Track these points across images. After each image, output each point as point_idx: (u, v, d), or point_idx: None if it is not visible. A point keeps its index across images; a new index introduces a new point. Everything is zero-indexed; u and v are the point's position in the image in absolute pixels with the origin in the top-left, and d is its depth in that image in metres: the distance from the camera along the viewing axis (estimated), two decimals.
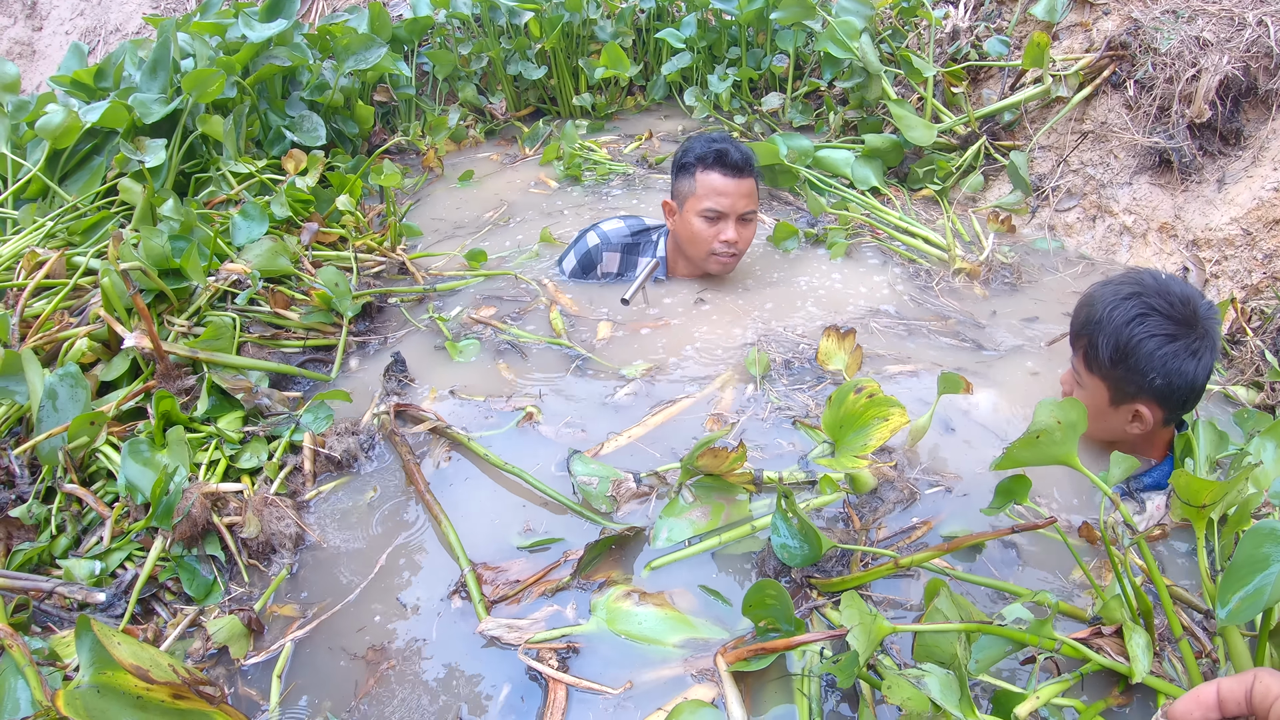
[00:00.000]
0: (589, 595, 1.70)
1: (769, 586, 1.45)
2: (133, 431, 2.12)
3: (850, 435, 1.73)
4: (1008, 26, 3.70)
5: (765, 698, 1.49)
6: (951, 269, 2.94)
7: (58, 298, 2.42)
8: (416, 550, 1.90)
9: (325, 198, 3.11)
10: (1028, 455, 1.43)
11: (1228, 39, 3.08)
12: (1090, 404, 1.90)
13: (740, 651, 1.48)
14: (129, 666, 1.18)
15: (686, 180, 2.71)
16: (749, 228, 2.76)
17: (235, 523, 1.92)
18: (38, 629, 1.74)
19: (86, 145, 3.11)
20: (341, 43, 3.69)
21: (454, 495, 1.98)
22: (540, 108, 4.80)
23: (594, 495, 1.86)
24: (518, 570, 1.78)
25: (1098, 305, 1.86)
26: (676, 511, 1.81)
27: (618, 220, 2.98)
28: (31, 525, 1.95)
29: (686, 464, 1.80)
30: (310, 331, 2.58)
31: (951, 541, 1.54)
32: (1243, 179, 2.95)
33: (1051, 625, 1.35)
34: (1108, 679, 1.48)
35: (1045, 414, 1.41)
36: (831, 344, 2.28)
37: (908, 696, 1.24)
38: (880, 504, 1.83)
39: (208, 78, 2.98)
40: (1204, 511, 1.36)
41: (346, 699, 1.61)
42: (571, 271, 2.92)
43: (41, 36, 7.39)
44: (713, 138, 2.73)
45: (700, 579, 1.71)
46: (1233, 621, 1.15)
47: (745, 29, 4.24)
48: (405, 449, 2.09)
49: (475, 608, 1.70)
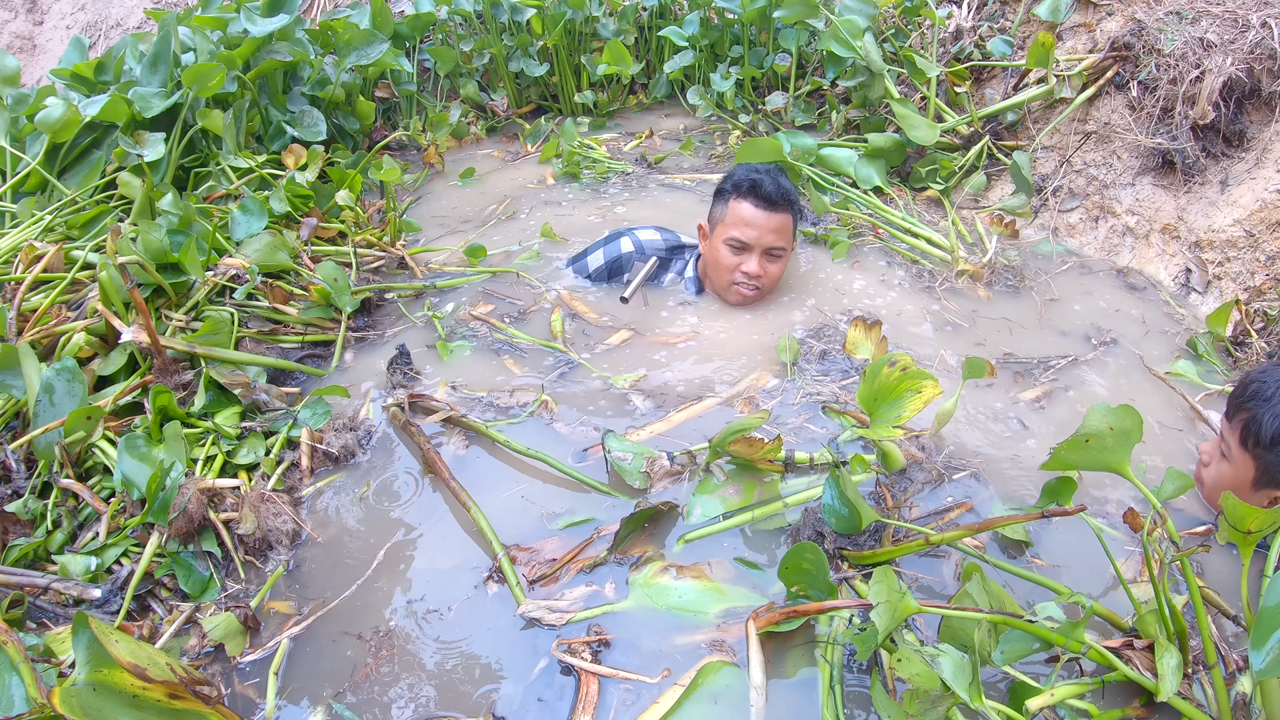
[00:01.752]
0: (625, 571, 1.74)
1: (808, 550, 1.47)
2: (129, 426, 2.11)
3: (884, 408, 1.78)
4: (1011, 26, 3.69)
5: (789, 663, 1.53)
6: (955, 271, 2.92)
7: (55, 292, 2.41)
8: (430, 540, 1.90)
9: (325, 193, 3.09)
10: (1076, 458, 1.43)
11: (1231, 40, 3.06)
12: (1232, 479, 1.85)
13: (773, 615, 1.52)
14: (126, 665, 1.17)
15: (720, 206, 2.66)
16: (776, 264, 2.67)
17: (232, 519, 1.91)
18: (32, 625, 1.73)
19: (86, 139, 3.10)
20: (343, 38, 3.67)
21: (472, 483, 1.98)
22: (542, 105, 4.79)
23: (628, 472, 1.89)
24: (551, 549, 1.81)
25: (1270, 383, 1.79)
26: (710, 489, 1.88)
27: (653, 231, 2.90)
28: (27, 520, 1.94)
29: (716, 445, 1.86)
30: (309, 327, 2.57)
31: (982, 523, 1.55)
32: (1246, 181, 2.93)
33: (1083, 629, 1.34)
34: (1131, 691, 1.46)
35: (1097, 419, 1.39)
36: (859, 334, 2.34)
37: (917, 672, 1.26)
38: (909, 484, 1.89)
39: (208, 72, 2.97)
40: (1250, 538, 1.32)
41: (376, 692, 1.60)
42: (596, 271, 2.84)
43: (42, 31, 7.37)
44: (756, 167, 2.66)
45: (732, 553, 1.76)
46: (1268, 676, 1.10)
47: (748, 27, 4.23)
48: (423, 438, 2.09)
49: (513, 590, 1.72)
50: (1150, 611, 1.42)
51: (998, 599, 1.43)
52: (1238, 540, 1.33)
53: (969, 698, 1.24)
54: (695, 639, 1.60)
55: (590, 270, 2.86)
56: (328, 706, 1.58)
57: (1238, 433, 1.83)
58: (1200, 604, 1.40)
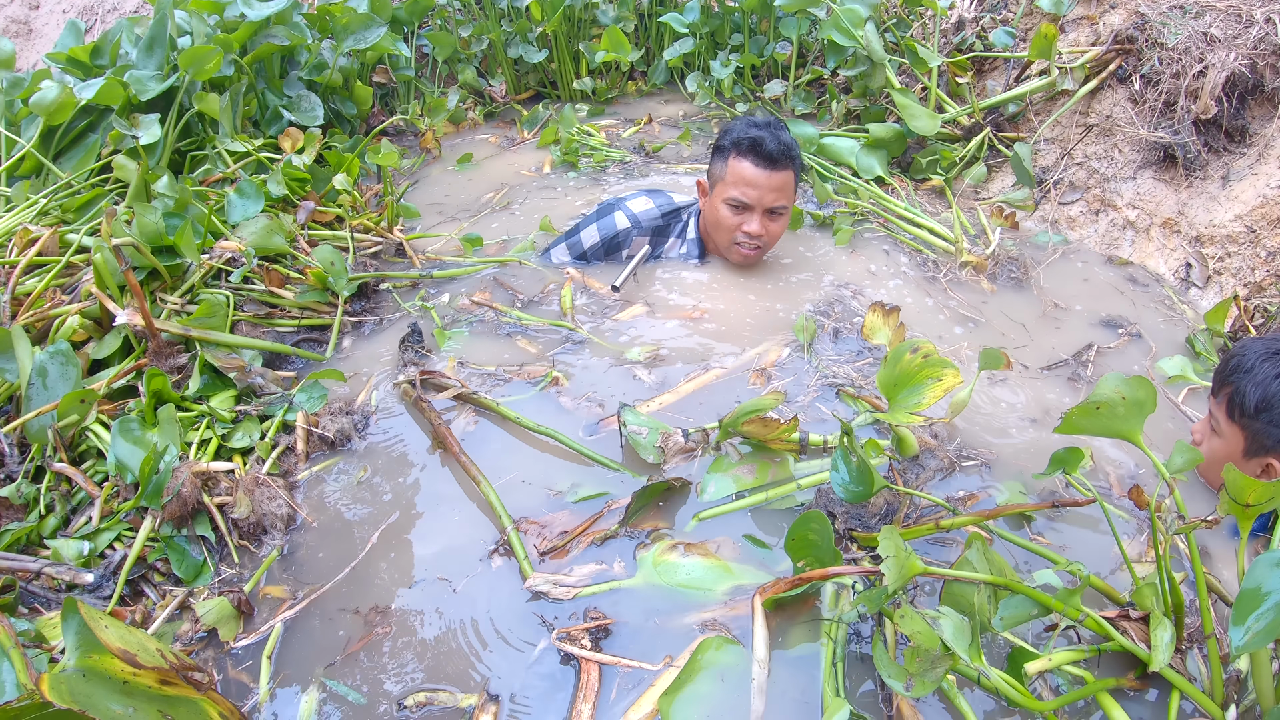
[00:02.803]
0: (634, 546, 1.75)
1: (814, 519, 1.49)
2: (123, 410, 2.10)
3: (903, 394, 1.78)
4: (1014, 18, 3.67)
5: (793, 638, 1.55)
6: (958, 262, 2.91)
7: (50, 275, 2.39)
8: (429, 522, 1.90)
9: (322, 176, 3.07)
10: (1087, 424, 1.45)
11: (1235, 35, 3.05)
12: (1224, 452, 1.92)
13: (779, 585, 1.53)
14: (116, 651, 1.16)
15: (720, 163, 2.59)
16: (778, 222, 2.62)
17: (226, 503, 1.90)
18: (24, 610, 1.72)
19: (81, 122, 3.07)
20: (341, 22, 3.65)
21: (480, 460, 1.98)
22: (540, 91, 4.77)
23: (643, 446, 1.90)
24: (562, 522, 1.82)
25: (1249, 355, 1.87)
26: (724, 468, 1.89)
27: (646, 199, 2.79)
28: (20, 505, 1.93)
29: (727, 425, 1.87)
30: (305, 311, 2.55)
31: (993, 509, 1.57)
32: (1247, 176, 2.92)
33: (1079, 596, 1.37)
34: (1127, 662, 1.50)
35: (1109, 387, 1.42)
36: (877, 319, 2.34)
37: (918, 630, 1.28)
38: (922, 471, 1.90)
39: (205, 55, 2.94)
40: (1249, 510, 1.34)
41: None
42: (591, 249, 2.74)
43: (38, 15, 7.31)
44: (755, 122, 2.58)
45: (742, 533, 1.78)
46: (1245, 651, 1.15)
47: (749, 15, 4.21)
48: (434, 414, 2.09)
49: (520, 564, 1.72)
50: (1148, 584, 1.45)
51: (999, 567, 1.45)
52: (1237, 513, 1.36)
53: (969, 657, 1.26)
54: (702, 617, 1.61)
55: (585, 247, 2.76)
56: (320, 684, 1.58)
57: (1224, 406, 1.90)
58: (1201, 572, 1.42)
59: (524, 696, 1.53)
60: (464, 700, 1.53)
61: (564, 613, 1.65)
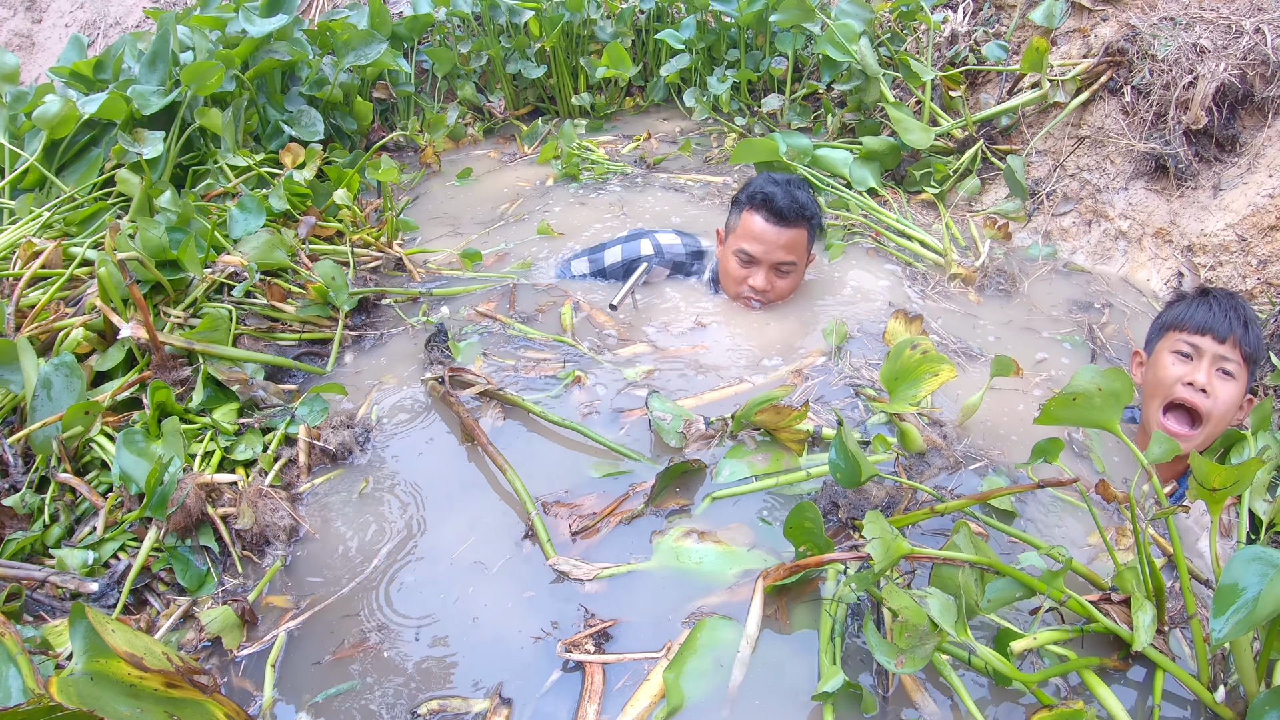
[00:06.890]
0: (660, 523, 1.86)
1: (807, 509, 1.59)
2: (128, 422, 2.12)
3: (903, 386, 1.94)
4: (1006, 31, 3.71)
5: (794, 619, 1.63)
6: (947, 274, 2.94)
7: (54, 288, 2.41)
8: (434, 536, 1.93)
9: (323, 192, 3.10)
10: (1065, 414, 1.50)
11: (1225, 46, 3.09)
12: (1151, 369, 2.21)
13: (779, 571, 1.64)
14: (123, 654, 1.18)
15: (735, 214, 2.64)
16: (785, 280, 2.63)
17: (229, 514, 1.92)
18: (29, 618, 1.74)
19: (84, 136, 3.11)
20: (341, 39, 3.69)
21: (506, 453, 2.04)
22: (539, 107, 4.80)
23: (667, 431, 2.03)
24: (591, 504, 1.92)
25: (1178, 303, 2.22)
26: (740, 454, 2.01)
27: (674, 236, 2.87)
28: (25, 514, 1.95)
29: (741, 416, 2.00)
30: (306, 325, 2.58)
31: (985, 492, 1.63)
32: (1238, 185, 2.96)
33: (1062, 578, 1.43)
34: (1110, 644, 1.55)
35: (1085, 378, 1.48)
36: (899, 325, 2.40)
37: (905, 605, 1.35)
38: (927, 467, 1.99)
39: (207, 70, 2.98)
40: (1217, 495, 1.39)
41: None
42: (611, 267, 2.79)
43: (41, 29, 7.37)
44: (775, 178, 2.62)
45: (753, 520, 1.87)
46: (1226, 640, 1.22)
47: (745, 31, 4.24)
48: (461, 408, 2.15)
49: (543, 546, 1.82)
50: (1129, 568, 1.51)
51: (984, 552, 1.51)
52: (1205, 498, 1.40)
53: (955, 633, 1.33)
54: (708, 601, 1.68)
55: (605, 265, 2.81)
56: (325, 697, 1.59)
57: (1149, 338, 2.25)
58: (1180, 554, 1.48)
59: (534, 700, 1.55)
60: (476, 706, 1.55)
61: (568, 618, 1.68)
